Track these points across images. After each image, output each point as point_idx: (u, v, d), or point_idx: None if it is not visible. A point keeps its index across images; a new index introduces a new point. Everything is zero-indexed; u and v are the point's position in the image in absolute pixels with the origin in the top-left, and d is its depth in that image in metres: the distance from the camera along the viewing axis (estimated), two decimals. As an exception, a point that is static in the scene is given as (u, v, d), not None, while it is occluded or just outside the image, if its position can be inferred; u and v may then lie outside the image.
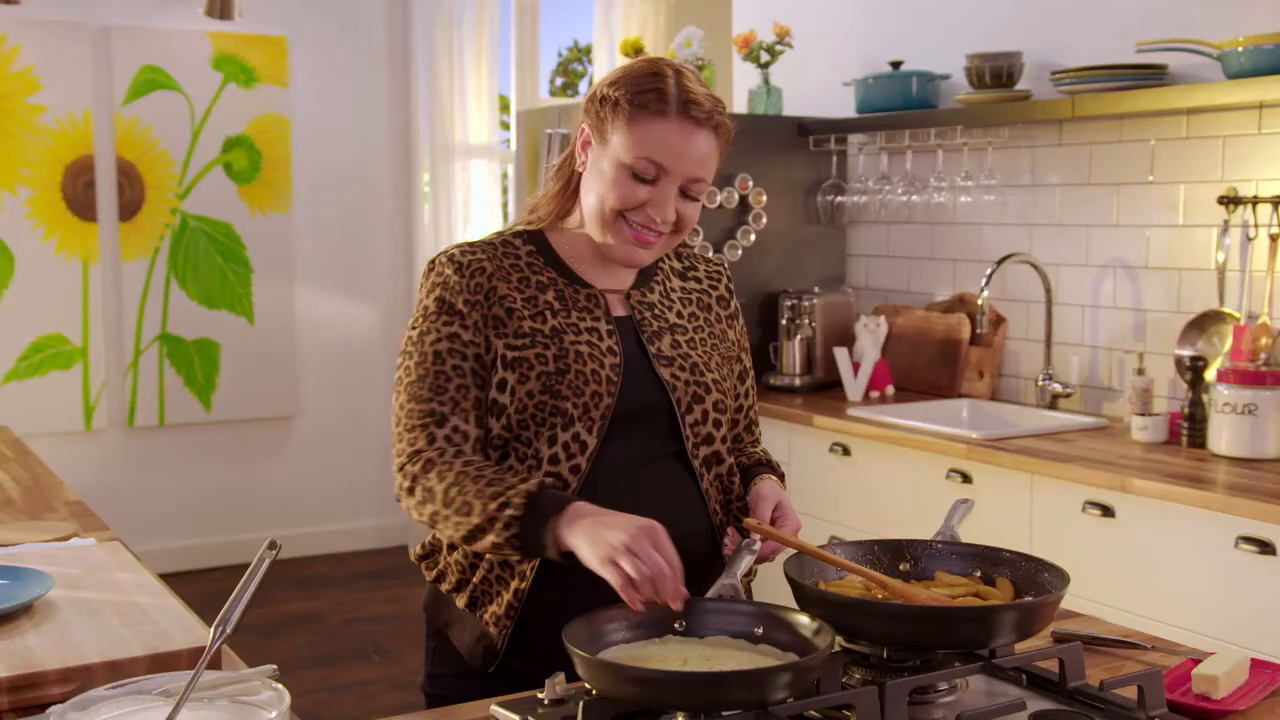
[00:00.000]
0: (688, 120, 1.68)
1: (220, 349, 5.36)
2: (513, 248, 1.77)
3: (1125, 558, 2.82)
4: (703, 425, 1.75)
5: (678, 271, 1.89)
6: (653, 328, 1.77)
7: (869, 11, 4.25)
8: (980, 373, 3.83)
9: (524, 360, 1.68)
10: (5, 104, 4.91)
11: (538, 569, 1.66)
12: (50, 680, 1.46)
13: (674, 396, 1.73)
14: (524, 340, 1.69)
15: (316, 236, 5.54)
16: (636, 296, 1.79)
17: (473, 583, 1.72)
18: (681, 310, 1.83)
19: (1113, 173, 3.50)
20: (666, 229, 1.70)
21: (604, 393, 1.69)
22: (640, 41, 4.52)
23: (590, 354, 1.70)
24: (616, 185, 1.69)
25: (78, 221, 5.07)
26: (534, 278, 1.75)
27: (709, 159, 1.71)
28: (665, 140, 1.67)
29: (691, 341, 1.80)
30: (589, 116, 1.74)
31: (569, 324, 1.72)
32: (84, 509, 2.48)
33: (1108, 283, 3.54)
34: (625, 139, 1.68)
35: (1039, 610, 1.41)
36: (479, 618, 1.72)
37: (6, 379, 4.99)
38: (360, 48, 5.60)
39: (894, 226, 4.20)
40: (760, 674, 1.28)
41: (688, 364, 1.76)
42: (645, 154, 1.67)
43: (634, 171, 1.68)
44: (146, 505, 5.26)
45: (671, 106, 1.67)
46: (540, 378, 1.67)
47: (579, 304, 1.75)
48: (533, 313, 1.71)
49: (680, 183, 1.69)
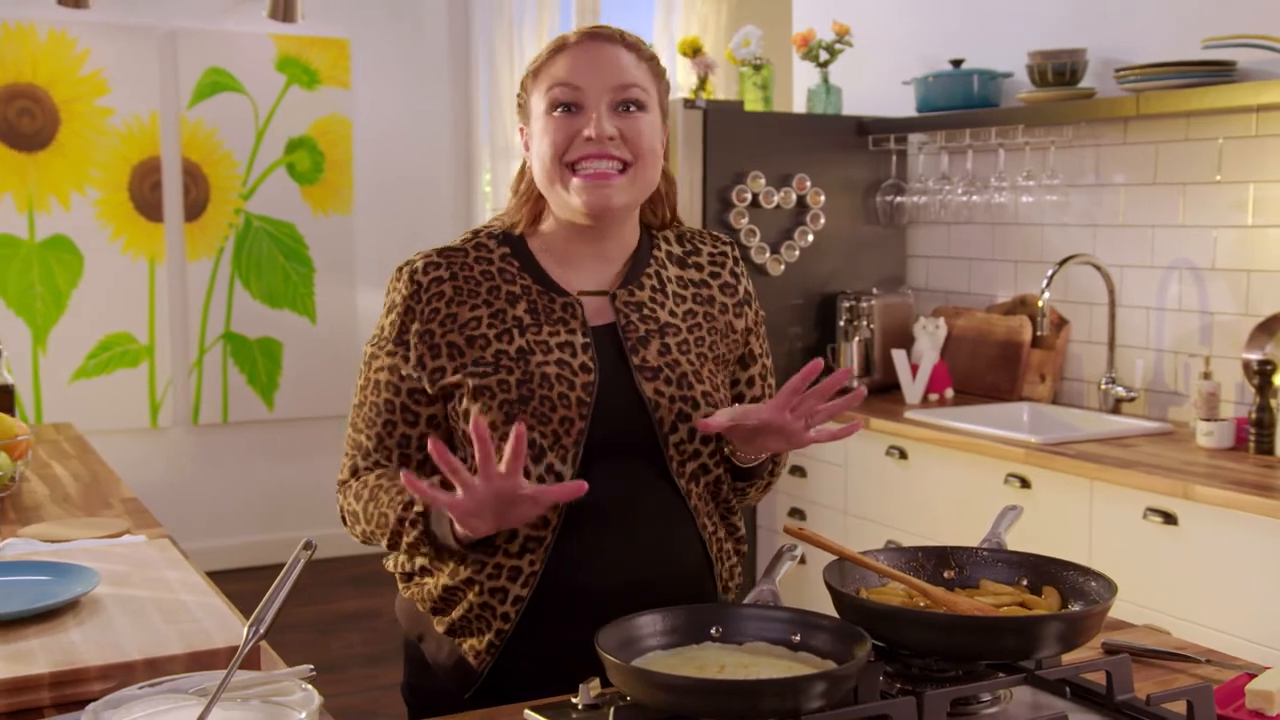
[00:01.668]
0: (590, 41, 1.61)
1: (283, 348, 5.42)
2: (487, 250, 1.67)
3: (1187, 567, 2.75)
4: (689, 443, 1.64)
5: (676, 258, 1.74)
6: (638, 333, 1.64)
7: (929, 9, 4.20)
8: (1042, 376, 3.76)
9: (486, 389, 1.58)
10: (75, 107, 5.00)
11: (524, 609, 1.60)
12: (91, 676, 1.47)
13: (656, 416, 1.61)
14: (486, 368, 1.59)
15: (378, 236, 5.58)
16: (623, 297, 1.66)
17: (452, 617, 1.66)
18: (675, 308, 1.69)
19: (1179, 172, 3.42)
20: (619, 152, 1.58)
21: (575, 417, 1.58)
22: (699, 41, 4.50)
23: (559, 375, 1.58)
24: (544, 133, 1.60)
25: (145, 222, 5.15)
26: (505, 287, 1.64)
27: (633, 70, 1.60)
28: (572, 63, 1.59)
29: (684, 344, 1.67)
30: (519, 116, 1.69)
31: (539, 341, 1.60)
32: (138, 506, 2.51)
33: (1173, 284, 3.46)
34: (538, 93, 1.62)
35: (1085, 621, 1.38)
36: (457, 644, 1.66)
37: (75, 377, 5.08)
38: (421, 49, 5.63)
39: (954, 227, 4.14)
40: (794, 682, 1.26)
41: (675, 375, 1.63)
42: (555, 82, 1.59)
43: (553, 107, 1.59)
44: (210, 502, 5.33)
45: (569, 39, 1.62)
46: (503, 407, 1.57)
47: (553, 315, 1.63)
48: (499, 332, 1.61)
49: (608, 96, 1.58)
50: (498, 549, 1.60)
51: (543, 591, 1.61)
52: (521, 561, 1.60)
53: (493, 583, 1.61)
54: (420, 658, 1.73)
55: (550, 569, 1.60)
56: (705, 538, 1.69)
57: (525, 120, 1.67)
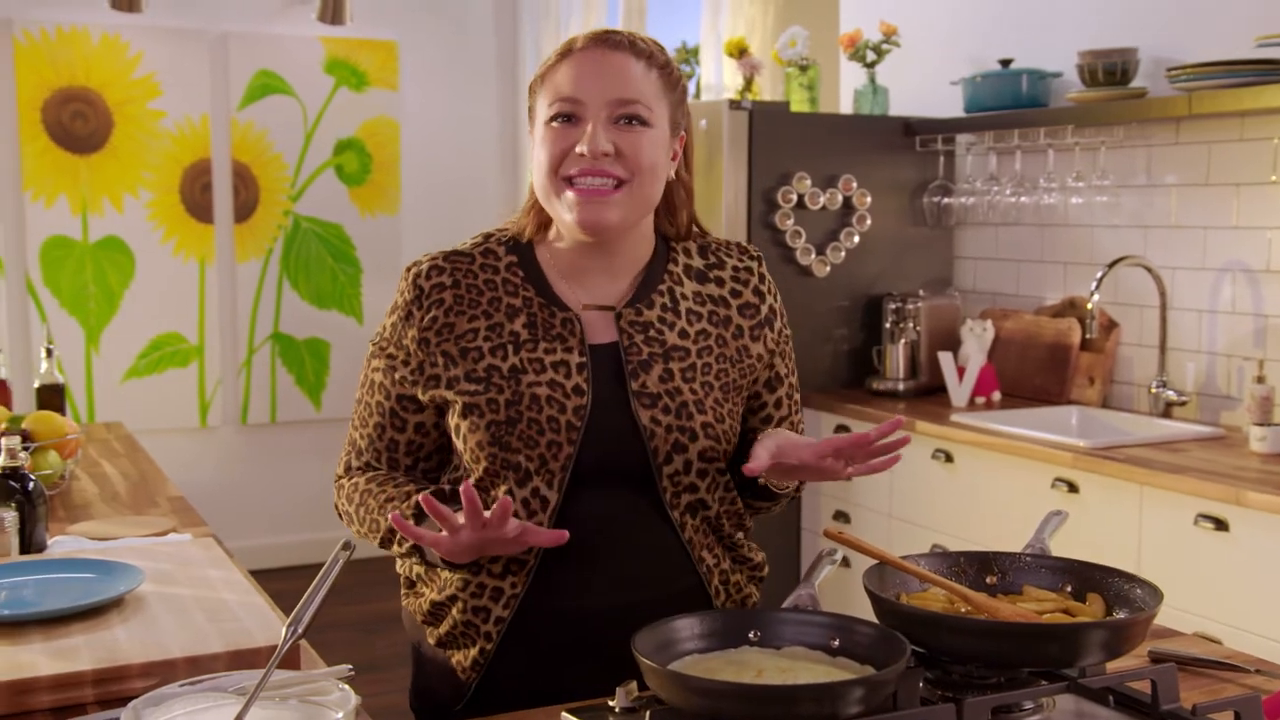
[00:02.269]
0: (596, 48, 1.54)
1: (330, 348, 5.46)
2: (494, 258, 1.63)
3: (1239, 574, 2.71)
4: (685, 475, 1.57)
5: (695, 272, 1.66)
6: (641, 355, 1.58)
7: (978, 8, 4.16)
8: (1091, 379, 3.72)
9: (475, 407, 1.55)
10: (128, 109, 5.06)
11: (505, 629, 1.59)
12: (134, 674, 1.48)
13: (650, 445, 1.55)
14: (478, 385, 1.55)
15: (424, 237, 5.61)
16: (629, 315, 1.59)
17: (441, 631, 1.65)
18: (686, 328, 1.61)
19: (1233, 172, 3.36)
20: (614, 169, 1.52)
21: (564, 441, 1.53)
22: (745, 42, 4.48)
23: (550, 397, 1.54)
24: (543, 142, 1.55)
25: (195, 223, 5.21)
26: (506, 299, 1.59)
27: (638, 81, 1.53)
28: (575, 72, 1.54)
29: (689, 371, 1.59)
30: (529, 119, 1.64)
31: (533, 359, 1.56)
32: (185, 505, 2.53)
33: (1226, 286, 3.40)
34: (542, 101, 1.57)
35: (1130, 629, 1.35)
36: (447, 655, 1.66)
37: (127, 376, 5.14)
38: (468, 51, 5.66)
39: (1003, 228, 4.10)
40: (832, 688, 1.24)
41: (674, 404, 1.56)
42: (556, 95, 1.54)
43: (554, 118, 1.54)
44: (258, 501, 5.38)
45: (578, 43, 1.56)
46: (490, 428, 1.54)
47: (552, 331, 1.58)
48: (494, 345, 1.57)
49: (606, 110, 1.52)
50: (481, 568, 1.60)
51: (524, 613, 1.59)
52: (504, 583, 1.59)
53: (475, 601, 1.60)
54: (421, 664, 1.74)
55: (532, 592, 1.59)
56: (703, 572, 1.64)
57: (530, 123, 1.64)
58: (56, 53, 4.96)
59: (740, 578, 1.70)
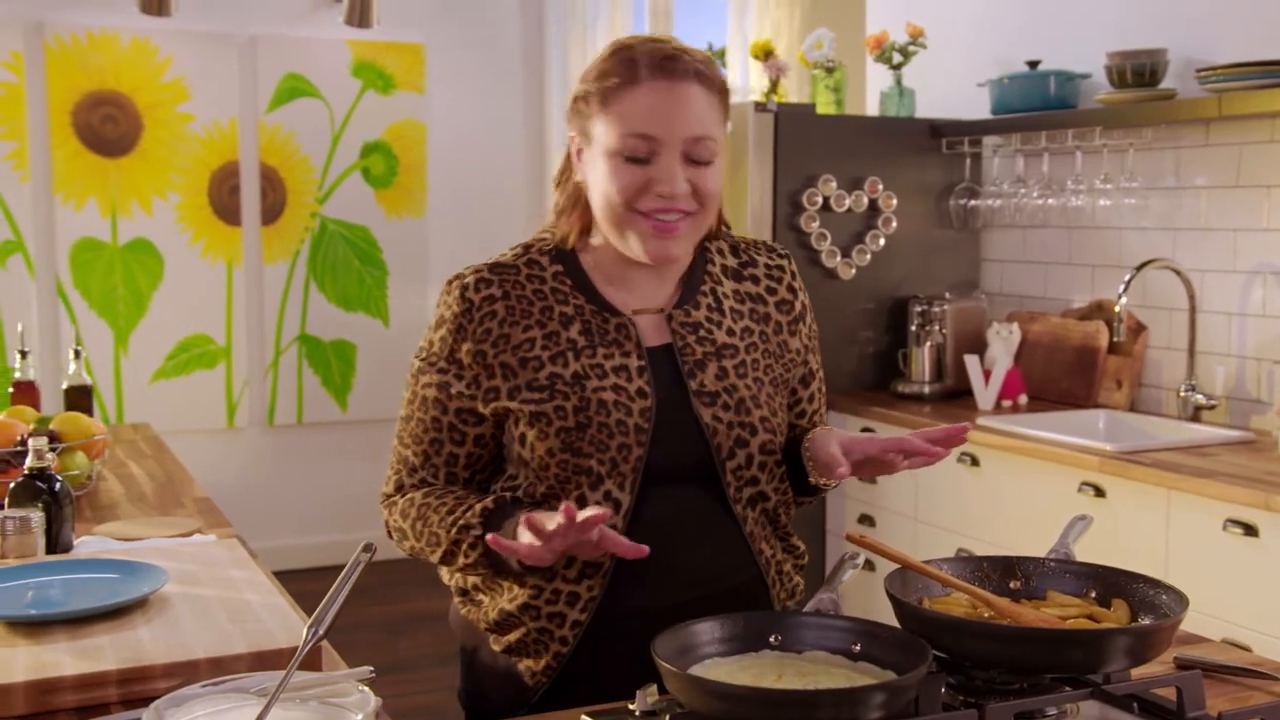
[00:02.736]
0: (662, 78, 1.52)
1: (357, 350, 5.48)
2: (539, 268, 1.62)
3: (1268, 579, 2.68)
4: (746, 469, 1.62)
5: (731, 271, 1.69)
6: (695, 356, 1.60)
7: (1005, 10, 4.14)
8: (1119, 382, 3.69)
9: (543, 415, 1.55)
10: (157, 113, 5.10)
11: (583, 632, 1.60)
12: (157, 674, 1.49)
13: (714, 443, 1.59)
14: (542, 393, 1.56)
15: (451, 240, 5.63)
16: (679, 317, 1.62)
17: (509, 639, 1.65)
18: (733, 326, 1.65)
19: (1263, 174, 3.33)
20: (687, 205, 1.54)
21: (633, 444, 1.55)
22: (770, 44, 4.47)
23: (616, 401, 1.56)
24: (613, 176, 1.53)
25: (223, 225, 5.24)
26: (558, 308, 1.60)
27: (705, 114, 1.54)
28: (645, 107, 1.51)
29: (741, 368, 1.63)
30: (572, 123, 1.61)
31: (594, 365, 1.57)
32: (210, 506, 2.55)
33: (1256, 289, 3.37)
34: (606, 125, 1.53)
35: (1155, 635, 1.34)
36: (513, 662, 1.65)
37: (155, 378, 5.18)
38: (495, 53, 5.67)
39: (1030, 230, 4.08)
40: (853, 693, 1.24)
41: (733, 400, 1.60)
42: (629, 130, 1.51)
43: (625, 154, 1.52)
44: (285, 502, 5.41)
45: (641, 70, 1.52)
46: (560, 434, 1.54)
47: (607, 337, 1.59)
48: (553, 354, 1.57)
49: (680, 148, 1.52)
50: (556, 574, 1.60)
51: (600, 615, 1.60)
52: (580, 587, 1.60)
53: (550, 608, 1.60)
54: (477, 668, 1.74)
55: (608, 594, 1.60)
56: (762, 564, 1.67)
57: (583, 136, 1.60)
58: (87, 56, 5.00)
59: (789, 567, 1.74)
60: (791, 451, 1.70)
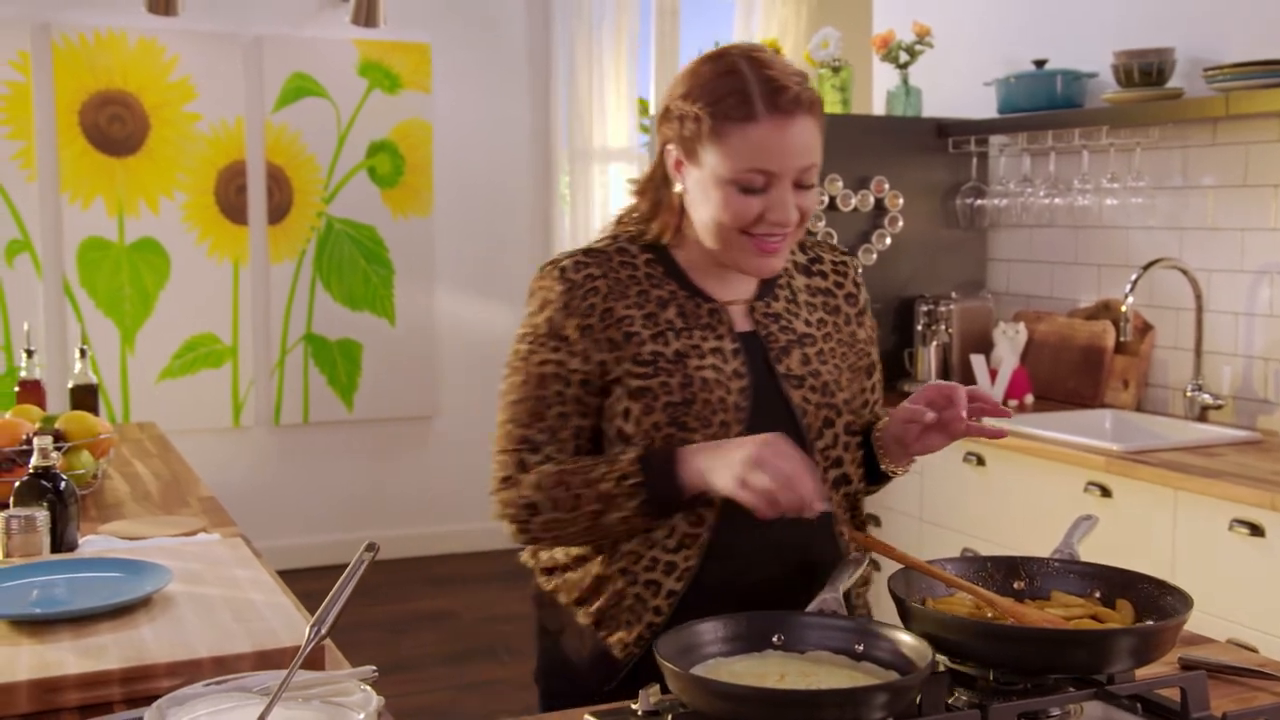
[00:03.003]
0: (778, 115, 1.56)
1: (362, 349, 5.48)
2: (629, 256, 1.69)
3: (1274, 579, 2.67)
4: (833, 449, 1.69)
5: (802, 267, 1.78)
6: (780, 343, 1.68)
7: (1012, 9, 4.13)
8: (1125, 382, 3.68)
9: (648, 390, 1.62)
10: (164, 113, 5.10)
11: (676, 603, 1.63)
12: (160, 673, 1.49)
13: (803, 422, 1.66)
14: (647, 368, 1.62)
15: (457, 239, 5.63)
16: (761, 308, 1.70)
17: (600, 607, 1.68)
18: (809, 317, 1.73)
19: (1271, 173, 3.32)
20: (791, 229, 1.63)
21: (732, 421, 1.62)
22: (777, 43, 4.47)
23: (716, 379, 1.63)
24: (727, 205, 1.59)
25: (229, 224, 5.25)
26: (654, 291, 1.67)
27: (812, 143, 1.61)
28: (763, 145, 1.56)
29: (821, 354, 1.71)
30: (672, 136, 1.64)
31: (692, 346, 1.64)
32: (215, 505, 2.55)
33: (1264, 288, 3.36)
34: (720, 155, 1.58)
35: (1159, 635, 1.34)
36: (602, 638, 1.68)
37: (161, 377, 5.18)
38: (501, 53, 5.67)
39: (1036, 230, 4.07)
40: (855, 693, 1.24)
41: (819, 384, 1.68)
42: (746, 166, 1.57)
43: (740, 186, 1.58)
44: (291, 501, 5.41)
45: (757, 105, 1.56)
46: (666, 409, 1.61)
47: (701, 321, 1.66)
48: (654, 333, 1.64)
49: (791, 177, 1.59)
50: (655, 544, 1.63)
51: (693, 586, 1.64)
52: (677, 556, 1.63)
53: (648, 575, 1.64)
54: (557, 651, 1.76)
55: (703, 565, 1.63)
56: (841, 546, 1.72)
57: (687, 153, 1.63)
58: (94, 56, 5.00)
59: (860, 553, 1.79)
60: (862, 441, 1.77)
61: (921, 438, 1.65)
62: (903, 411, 1.66)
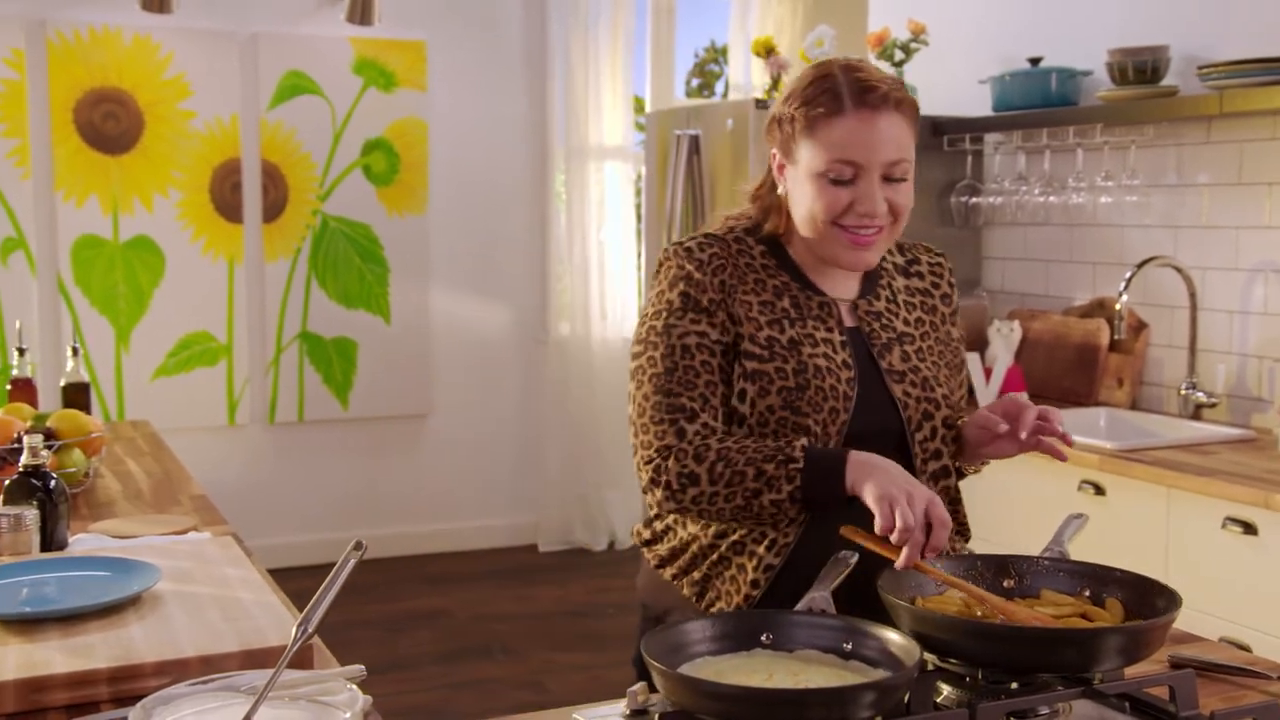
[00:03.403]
0: (865, 109, 1.66)
1: (358, 347, 5.48)
2: (746, 245, 1.78)
3: (1267, 578, 2.67)
4: (931, 441, 1.75)
5: (900, 268, 1.85)
6: (882, 340, 1.76)
7: (1007, 7, 4.13)
8: (1120, 380, 3.68)
9: (763, 373, 1.69)
10: (158, 110, 5.10)
11: (773, 576, 1.67)
12: (147, 672, 1.49)
13: (905, 415, 1.72)
14: (763, 351, 1.69)
15: (452, 237, 5.62)
16: (864, 306, 1.78)
17: (701, 572, 1.74)
18: (908, 316, 1.80)
19: (1265, 171, 3.32)
20: (883, 220, 1.69)
21: (841, 408, 1.69)
22: (772, 41, 4.47)
23: (828, 368, 1.70)
24: (819, 196, 1.68)
25: (224, 222, 5.24)
26: (769, 281, 1.75)
27: (901, 139, 1.68)
28: (849, 137, 1.66)
29: (920, 352, 1.78)
30: (774, 140, 1.76)
31: (805, 334, 1.71)
32: (206, 503, 2.54)
33: (1258, 287, 3.36)
34: (811, 150, 1.68)
35: (1147, 634, 1.34)
36: (703, 610, 1.74)
37: (156, 375, 5.18)
38: (497, 51, 5.66)
39: (1031, 228, 4.07)
40: (843, 692, 1.23)
41: (919, 379, 1.75)
42: (834, 157, 1.66)
43: (830, 177, 1.67)
44: (286, 499, 5.40)
45: (845, 101, 1.67)
46: (781, 393, 1.68)
47: (812, 312, 1.74)
48: (769, 319, 1.72)
49: (879, 172, 1.67)
50: None
51: (789, 562, 1.68)
52: (776, 532, 1.69)
53: (753, 545, 1.70)
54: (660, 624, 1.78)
55: (800, 541, 1.68)
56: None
57: (786, 155, 1.74)
58: (89, 53, 4.99)
59: (960, 545, 1.85)
60: None
61: (993, 444, 1.75)
62: (979, 417, 1.74)
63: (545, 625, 4.68)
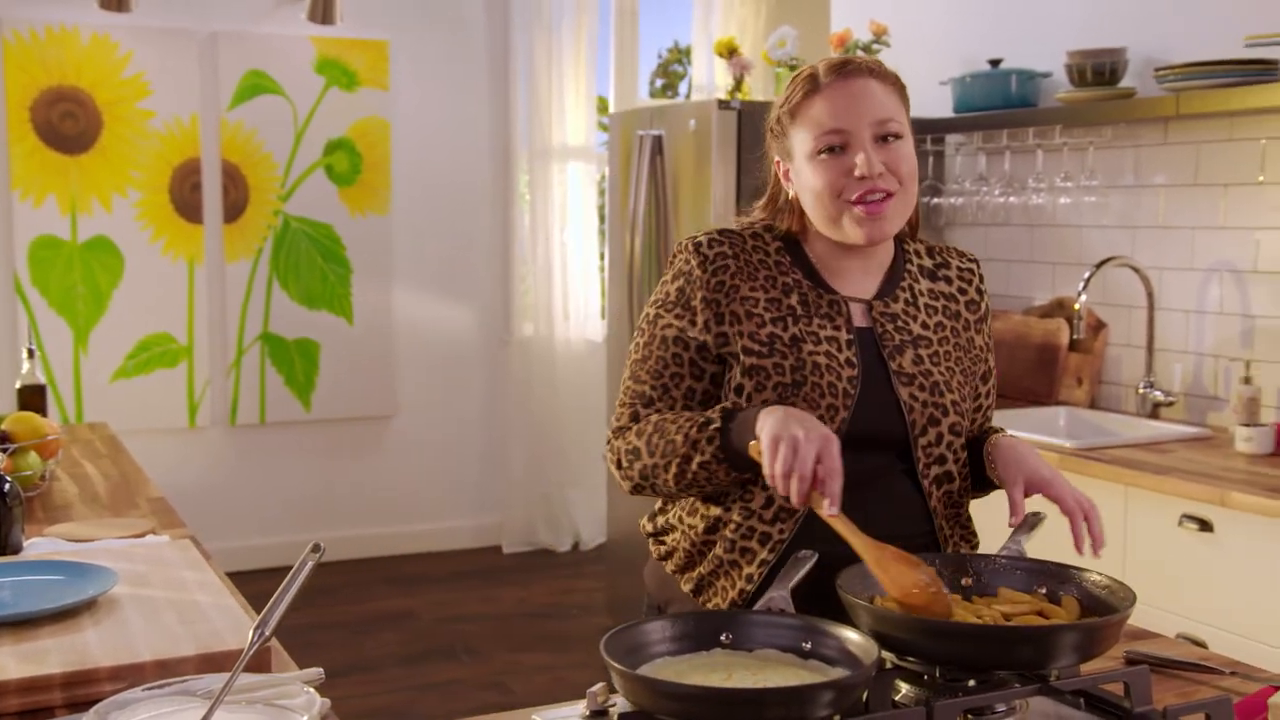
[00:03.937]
0: (840, 80, 1.70)
1: (320, 348, 5.44)
2: (762, 242, 1.79)
3: (1223, 575, 2.70)
4: (936, 447, 1.74)
5: (927, 271, 1.84)
6: (894, 341, 1.75)
7: (967, 8, 4.16)
8: (1079, 380, 3.71)
9: (761, 369, 1.69)
10: (117, 109, 5.05)
11: (767, 572, 1.68)
12: (102, 677, 1.47)
13: (909, 418, 1.72)
14: (763, 347, 1.70)
15: (415, 238, 5.60)
16: (879, 307, 1.77)
17: (700, 570, 1.75)
18: (927, 320, 1.79)
19: (1221, 173, 3.36)
20: (888, 184, 1.68)
21: (840, 406, 1.68)
22: (734, 42, 4.48)
23: (828, 365, 1.70)
24: (817, 174, 1.70)
25: (184, 223, 5.19)
26: (780, 278, 1.76)
27: (884, 100, 1.70)
28: (830, 106, 1.69)
29: (935, 356, 1.77)
30: (774, 149, 1.79)
31: (809, 332, 1.72)
32: (165, 506, 2.52)
33: (1214, 287, 3.40)
34: (801, 133, 1.72)
35: (1102, 631, 1.35)
36: (703, 605, 1.76)
37: (115, 377, 5.13)
38: (460, 51, 5.64)
39: (992, 228, 4.09)
40: (801, 691, 1.24)
41: (928, 383, 1.73)
42: (820, 130, 1.69)
43: (821, 150, 1.69)
44: (247, 502, 5.37)
45: (821, 78, 1.71)
46: (777, 389, 1.68)
47: (821, 310, 1.74)
48: (774, 316, 1.73)
49: (868, 132, 1.68)
50: (753, 513, 1.69)
51: (784, 558, 1.67)
52: (773, 528, 1.69)
53: (745, 543, 1.70)
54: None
55: (796, 538, 1.68)
56: (941, 539, 1.76)
57: (785, 156, 1.78)
58: (46, 52, 4.94)
59: (965, 549, 1.84)
60: (973, 447, 1.82)
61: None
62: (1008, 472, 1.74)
63: (509, 626, 4.67)
